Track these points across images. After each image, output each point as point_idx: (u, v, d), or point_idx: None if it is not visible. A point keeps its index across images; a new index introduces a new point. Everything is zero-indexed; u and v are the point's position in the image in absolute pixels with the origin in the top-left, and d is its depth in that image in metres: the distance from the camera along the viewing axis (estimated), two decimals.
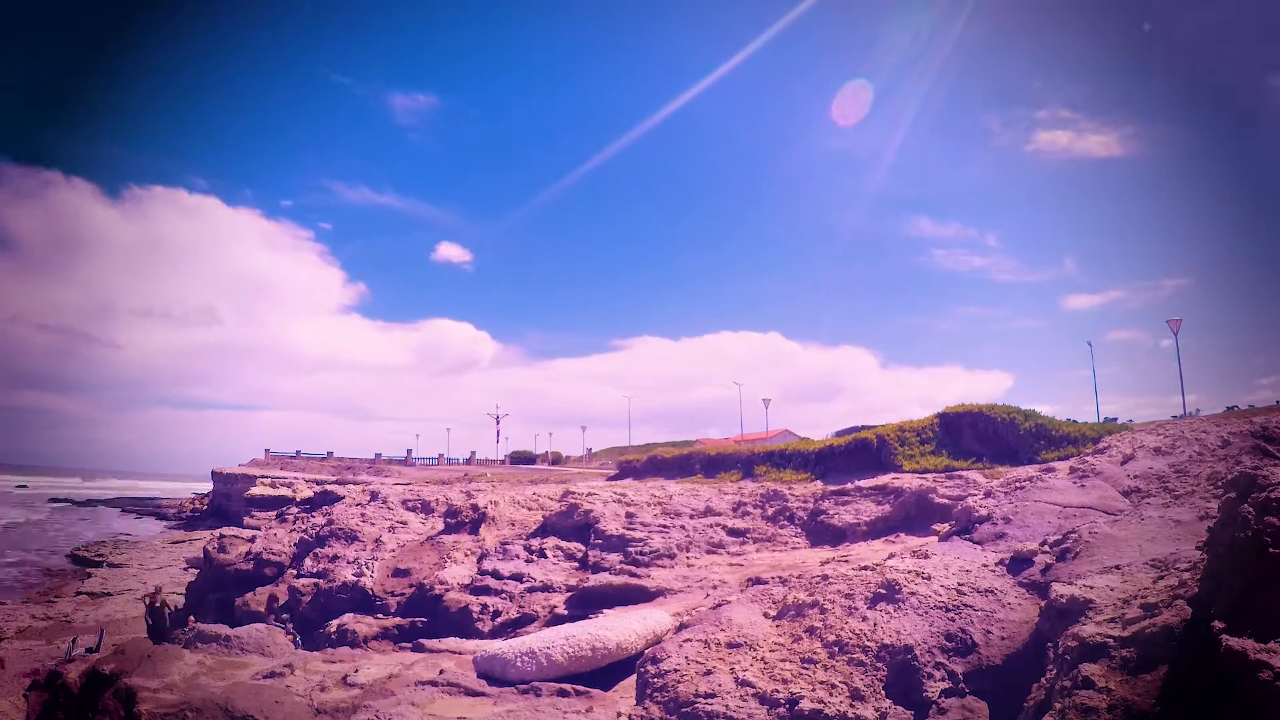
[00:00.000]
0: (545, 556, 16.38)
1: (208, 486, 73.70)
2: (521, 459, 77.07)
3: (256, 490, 48.59)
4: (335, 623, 15.38)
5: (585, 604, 13.30)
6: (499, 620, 14.23)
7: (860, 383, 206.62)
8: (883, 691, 6.07)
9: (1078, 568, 6.88)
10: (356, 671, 9.03)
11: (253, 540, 23.62)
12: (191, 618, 15.92)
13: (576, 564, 16.01)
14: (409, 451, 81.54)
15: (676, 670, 6.71)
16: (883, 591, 7.23)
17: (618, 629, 9.00)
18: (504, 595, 15.00)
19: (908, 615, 6.81)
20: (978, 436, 19.73)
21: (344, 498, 26.02)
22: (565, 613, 13.27)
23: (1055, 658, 5.33)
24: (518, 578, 15.53)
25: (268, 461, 74.21)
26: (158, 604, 15.60)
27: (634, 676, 7.58)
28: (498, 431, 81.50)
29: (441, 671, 8.82)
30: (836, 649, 6.58)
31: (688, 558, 15.49)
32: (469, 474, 47.51)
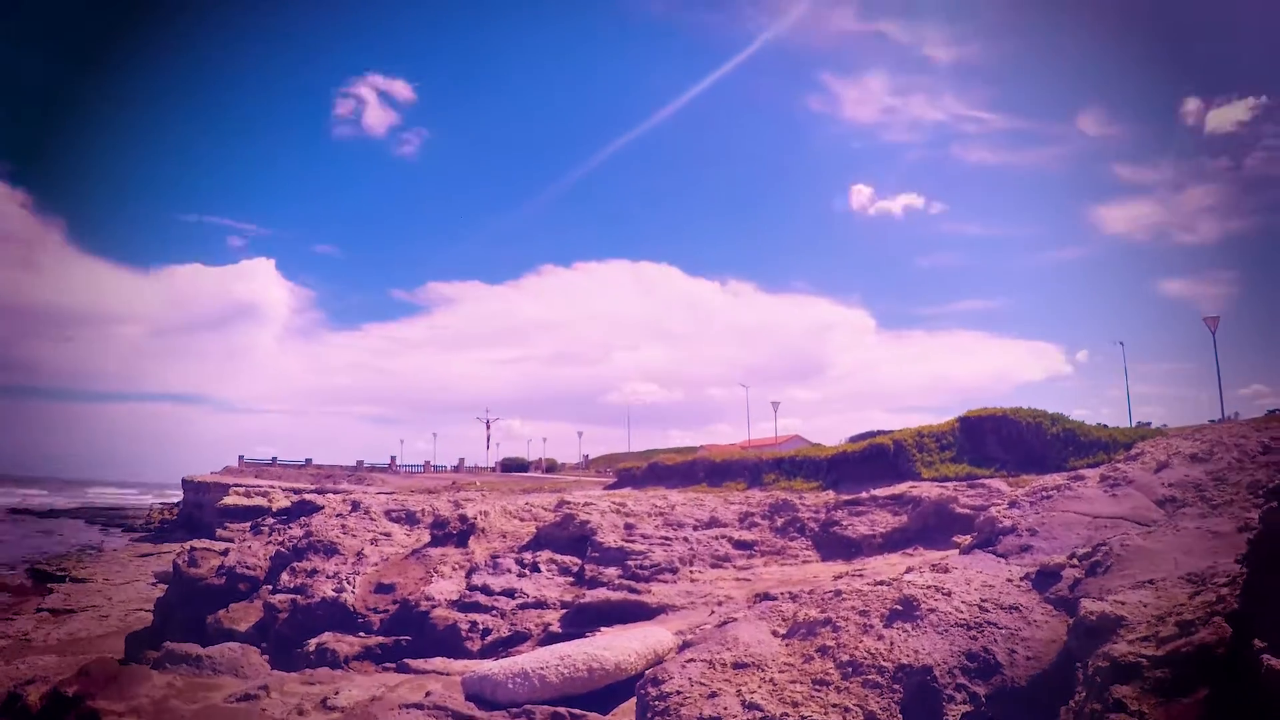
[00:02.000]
0: (539, 571, 16.39)
1: (178, 495, 73.74)
2: (513, 466, 77.18)
3: (230, 500, 48.64)
4: (314, 641, 15.38)
5: (581, 621, 13.31)
6: (489, 639, 14.24)
7: (851, 355, 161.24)
8: (900, 715, 6.07)
9: (1108, 582, 6.89)
10: (337, 694, 9.03)
11: (225, 553, 23.62)
12: None
13: (572, 578, 16.01)
14: (392, 458, 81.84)
15: (679, 692, 6.71)
16: (900, 608, 7.24)
17: (616, 648, 9.00)
18: (494, 612, 15.01)
19: (926, 633, 6.81)
20: (1001, 442, 19.76)
21: (323, 508, 26.02)
22: (560, 631, 13.28)
23: (1084, 679, 5.33)
24: (509, 593, 15.55)
25: (242, 469, 74.26)
26: None
27: (633, 699, 7.58)
28: (488, 437, 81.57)
29: (428, 694, 8.82)
30: (850, 669, 6.58)
31: (691, 572, 15.51)
32: (457, 482, 47.49)
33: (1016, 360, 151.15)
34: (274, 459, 78.53)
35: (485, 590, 15.80)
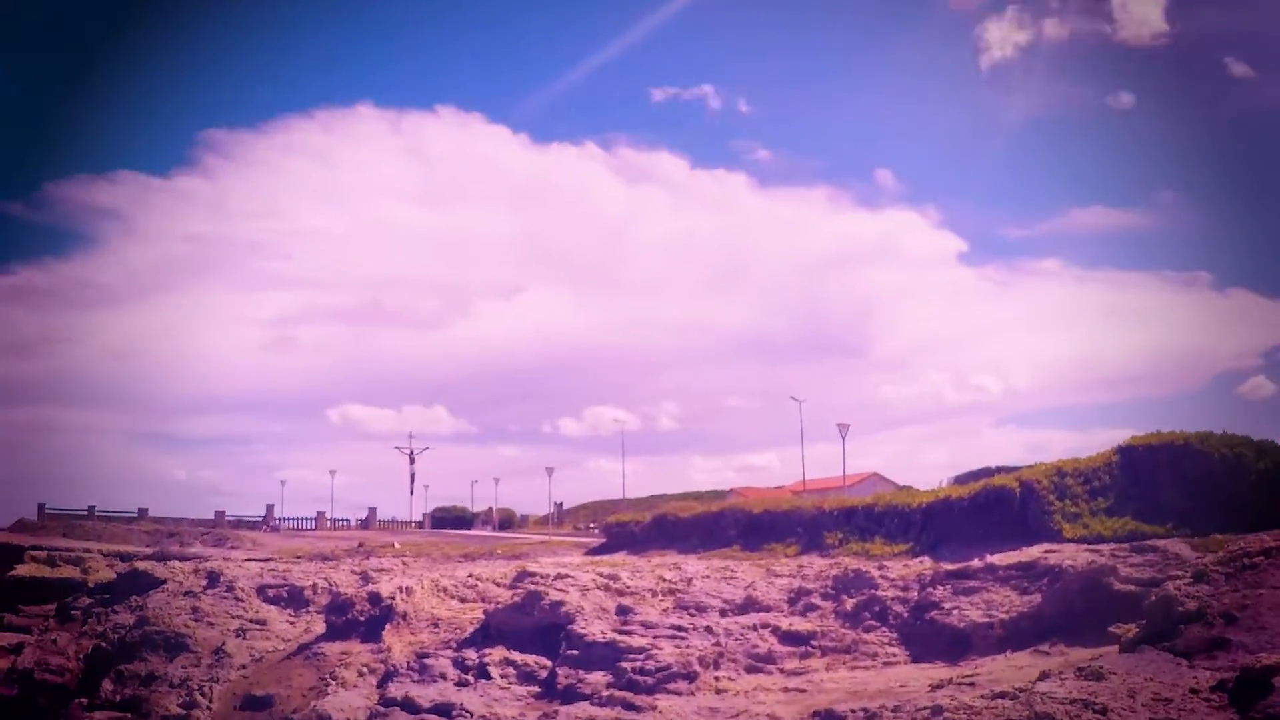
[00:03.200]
0: (488, 676, 16.40)
1: None
2: (450, 520, 77.07)
3: (24, 570, 48.58)
4: None
5: None
6: None
7: (920, 312, 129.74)
8: None
9: None
10: None
11: (19, 650, 23.58)
12: None
13: (538, 687, 16.02)
14: (269, 509, 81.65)
15: None
16: None
17: None
18: None
19: None
20: (1180, 484, 19.74)
21: (165, 582, 26.07)
22: None
23: None
24: (444, 710, 15.55)
25: (43, 523, 74.19)
26: None
27: None
28: (412, 476, 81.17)
29: None
30: None
31: (717, 678, 15.51)
32: (366, 543, 47.40)
33: (1210, 332, 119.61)
34: (91, 509, 78.57)
35: (408, 705, 15.79)
